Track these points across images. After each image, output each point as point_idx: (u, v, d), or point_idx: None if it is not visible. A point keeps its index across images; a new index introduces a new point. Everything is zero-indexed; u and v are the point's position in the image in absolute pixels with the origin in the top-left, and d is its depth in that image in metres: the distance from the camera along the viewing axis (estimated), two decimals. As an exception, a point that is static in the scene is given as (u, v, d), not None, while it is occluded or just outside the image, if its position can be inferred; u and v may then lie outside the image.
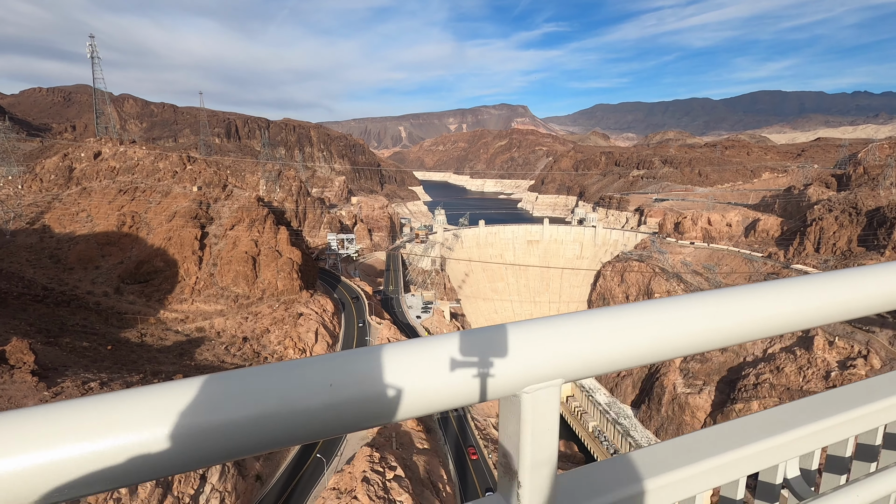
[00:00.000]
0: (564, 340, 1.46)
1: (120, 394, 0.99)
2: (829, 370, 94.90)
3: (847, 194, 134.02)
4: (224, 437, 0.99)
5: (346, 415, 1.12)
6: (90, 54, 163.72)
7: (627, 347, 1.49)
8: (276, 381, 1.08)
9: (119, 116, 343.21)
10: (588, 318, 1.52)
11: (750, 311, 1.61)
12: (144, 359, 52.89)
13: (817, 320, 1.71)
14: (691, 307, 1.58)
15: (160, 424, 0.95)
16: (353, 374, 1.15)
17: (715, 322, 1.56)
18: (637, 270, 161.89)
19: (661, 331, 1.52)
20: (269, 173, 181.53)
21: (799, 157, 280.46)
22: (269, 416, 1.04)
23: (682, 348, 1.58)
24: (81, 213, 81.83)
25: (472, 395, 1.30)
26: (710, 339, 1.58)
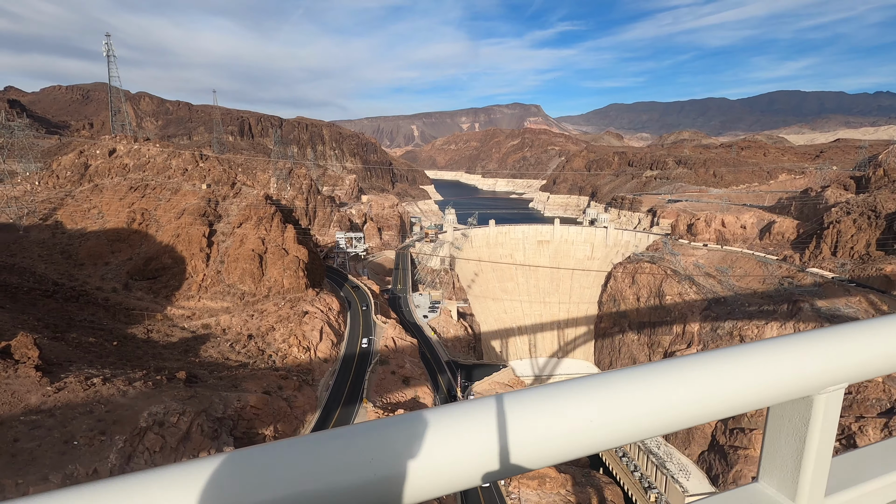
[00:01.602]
0: (850, 347, 1.58)
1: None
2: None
3: (866, 197, 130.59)
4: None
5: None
6: (106, 53, 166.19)
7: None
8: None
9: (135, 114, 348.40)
10: (868, 326, 1.66)
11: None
12: (149, 355, 53.29)
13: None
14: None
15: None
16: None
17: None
18: (648, 272, 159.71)
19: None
20: (280, 171, 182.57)
21: (817, 159, 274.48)
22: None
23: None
24: (93, 209, 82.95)
25: (757, 403, 1.45)
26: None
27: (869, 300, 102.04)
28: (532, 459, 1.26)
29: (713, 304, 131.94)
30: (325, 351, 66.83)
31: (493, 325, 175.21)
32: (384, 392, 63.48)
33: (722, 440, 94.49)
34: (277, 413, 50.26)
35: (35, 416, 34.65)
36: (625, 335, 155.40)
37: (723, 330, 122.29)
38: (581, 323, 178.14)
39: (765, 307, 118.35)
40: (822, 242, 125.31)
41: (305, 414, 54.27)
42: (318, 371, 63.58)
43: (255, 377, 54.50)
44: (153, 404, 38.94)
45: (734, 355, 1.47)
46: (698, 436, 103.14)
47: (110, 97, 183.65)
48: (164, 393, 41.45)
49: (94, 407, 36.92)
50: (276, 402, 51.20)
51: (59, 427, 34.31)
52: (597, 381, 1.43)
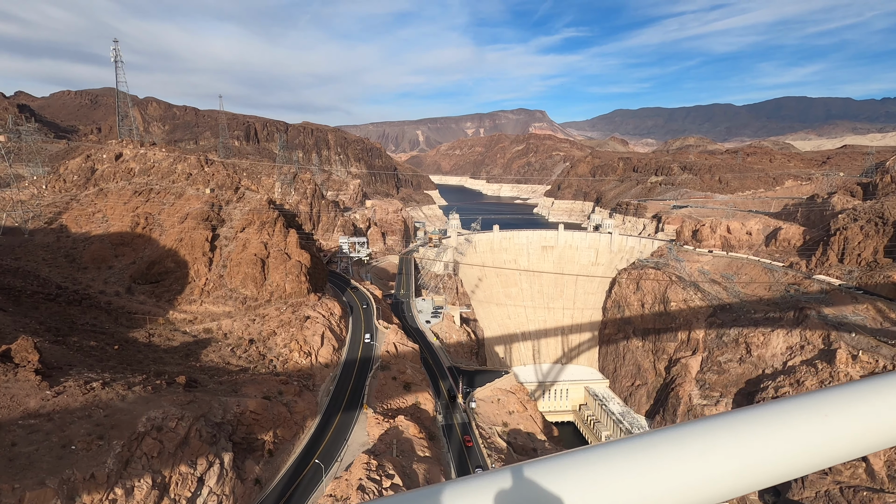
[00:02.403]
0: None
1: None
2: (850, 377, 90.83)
3: (873, 203, 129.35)
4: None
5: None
6: (114, 58, 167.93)
7: None
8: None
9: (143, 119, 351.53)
10: None
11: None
12: (150, 359, 53.28)
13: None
14: None
15: None
16: None
17: None
18: (653, 278, 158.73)
19: None
20: (285, 176, 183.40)
21: (824, 165, 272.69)
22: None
23: None
24: (97, 213, 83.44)
25: None
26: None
27: (877, 308, 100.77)
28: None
29: (718, 310, 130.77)
30: (326, 356, 66.61)
31: (496, 331, 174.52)
32: (385, 398, 63.16)
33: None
34: (277, 418, 50.05)
35: (34, 420, 34.61)
36: (629, 341, 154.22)
37: (728, 337, 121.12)
38: (585, 329, 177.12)
39: (771, 314, 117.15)
40: (828, 249, 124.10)
41: (305, 419, 54.03)
42: (318, 376, 63.36)
43: (255, 382, 54.34)
44: (152, 409, 38.82)
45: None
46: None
47: (117, 102, 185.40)
48: (164, 397, 41.33)
49: (92, 411, 36.84)
50: (275, 407, 50.99)
51: (57, 431, 34.24)
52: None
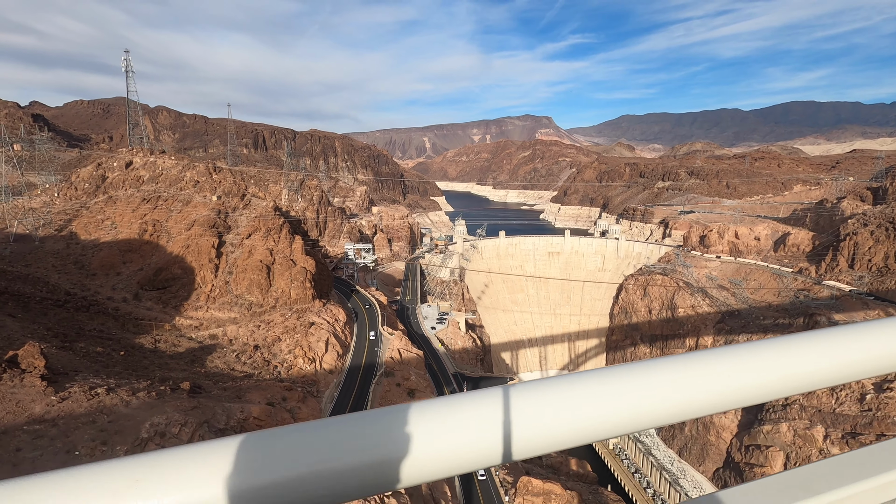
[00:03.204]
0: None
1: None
2: (864, 392, 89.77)
3: (883, 208, 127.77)
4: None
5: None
6: (125, 68, 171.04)
7: None
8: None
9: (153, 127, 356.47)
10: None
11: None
12: (155, 365, 53.67)
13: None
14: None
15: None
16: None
17: None
18: (661, 284, 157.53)
19: None
20: (292, 183, 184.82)
21: (833, 170, 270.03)
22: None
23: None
24: (106, 220, 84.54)
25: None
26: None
27: (888, 314, 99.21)
28: (523, 448, 1.33)
29: (727, 317, 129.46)
30: (330, 362, 66.72)
31: (503, 337, 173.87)
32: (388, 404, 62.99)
33: (738, 457, 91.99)
34: (280, 424, 50.05)
35: (38, 425, 34.93)
36: (637, 348, 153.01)
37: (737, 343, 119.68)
38: (592, 335, 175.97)
39: (780, 321, 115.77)
40: (838, 255, 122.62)
41: (309, 426, 53.93)
42: (323, 382, 63.42)
43: (259, 388, 54.49)
44: (155, 415, 39.05)
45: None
46: (713, 452, 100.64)
47: (128, 111, 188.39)
48: (167, 403, 41.58)
49: (96, 417, 37.13)
50: (279, 413, 51.07)
51: (61, 437, 34.53)
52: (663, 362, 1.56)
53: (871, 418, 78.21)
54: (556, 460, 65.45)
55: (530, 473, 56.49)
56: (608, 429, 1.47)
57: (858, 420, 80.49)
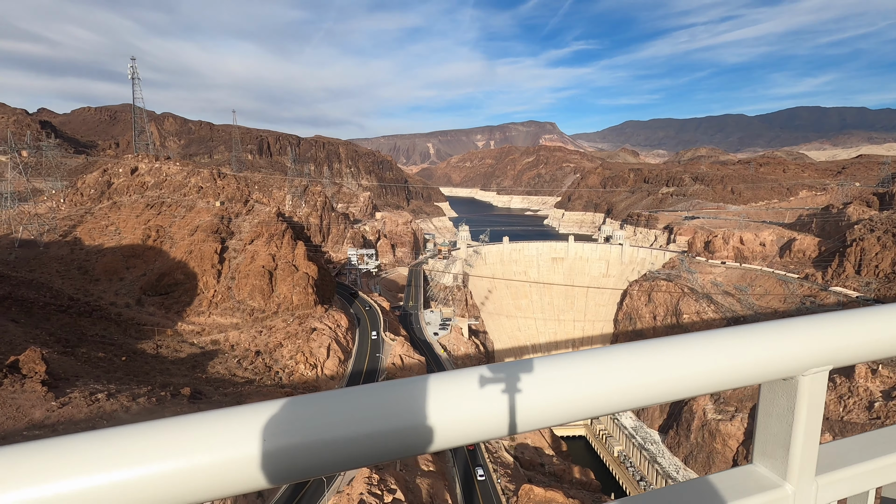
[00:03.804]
0: (834, 332, 1.74)
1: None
2: (872, 400, 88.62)
3: (890, 213, 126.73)
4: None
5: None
6: (131, 75, 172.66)
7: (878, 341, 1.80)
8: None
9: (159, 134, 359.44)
10: (851, 315, 1.85)
11: None
12: (157, 370, 53.66)
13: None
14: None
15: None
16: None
17: None
18: (665, 290, 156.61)
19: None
20: (296, 189, 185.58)
21: (839, 175, 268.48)
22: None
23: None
24: (110, 226, 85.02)
25: (746, 380, 1.60)
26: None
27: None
28: (528, 421, 1.40)
29: (732, 323, 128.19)
30: (332, 368, 66.54)
31: (506, 343, 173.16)
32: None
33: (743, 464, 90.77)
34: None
35: (38, 430, 34.90)
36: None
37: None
38: (596, 341, 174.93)
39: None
40: (844, 260, 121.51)
41: (310, 432, 53.73)
42: (324, 388, 63.15)
43: (260, 394, 54.34)
44: (155, 421, 38.94)
45: (726, 335, 1.66)
46: (719, 460, 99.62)
47: (134, 118, 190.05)
48: (167, 409, 41.49)
49: (96, 423, 37.06)
50: (280, 419, 50.82)
51: (60, 442, 34.45)
52: (598, 354, 1.60)
53: (880, 426, 77.10)
54: (559, 468, 64.83)
55: (532, 481, 55.91)
56: (603, 405, 1.51)
57: (867, 428, 79.39)
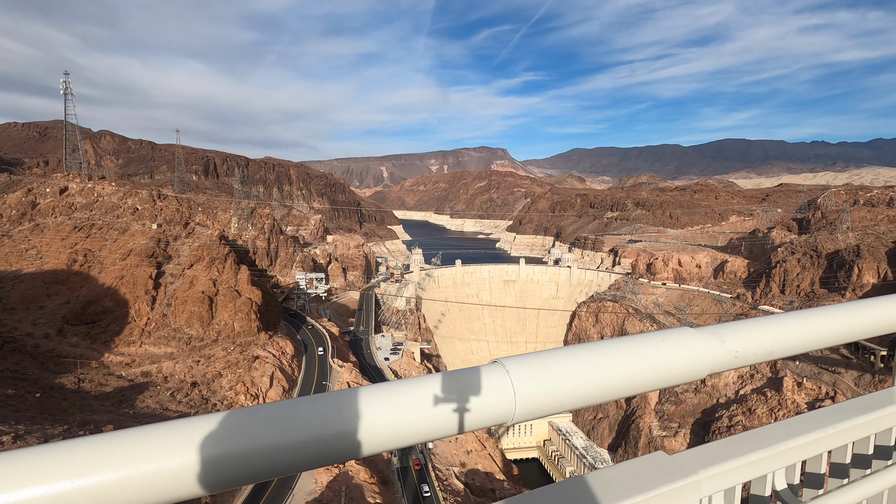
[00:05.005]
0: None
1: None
2: (799, 411, 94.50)
3: (808, 237, 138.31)
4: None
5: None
6: (64, 91, 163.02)
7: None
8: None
9: (95, 152, 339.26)
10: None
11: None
12: (77, 407, 49.10)
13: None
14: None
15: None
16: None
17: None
18: (611, 311, 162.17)
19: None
20: (242, 211, 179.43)
21: (763, 202, 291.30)
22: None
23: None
24: (31, 250, 78.37)
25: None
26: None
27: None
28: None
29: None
30: (274, 398, 63.38)
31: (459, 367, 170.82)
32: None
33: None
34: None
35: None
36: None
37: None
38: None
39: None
40: (771, 281, 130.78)
41: (249, 468, 50.58)
42: (266, 420, 60.00)
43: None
44: (70, 463, 35.37)
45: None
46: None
47: (66, 134, 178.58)
48: (85, 450, 37.84)
49: (-2, 469, 33.19)
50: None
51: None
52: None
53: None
54: (511, 492, 64.25)
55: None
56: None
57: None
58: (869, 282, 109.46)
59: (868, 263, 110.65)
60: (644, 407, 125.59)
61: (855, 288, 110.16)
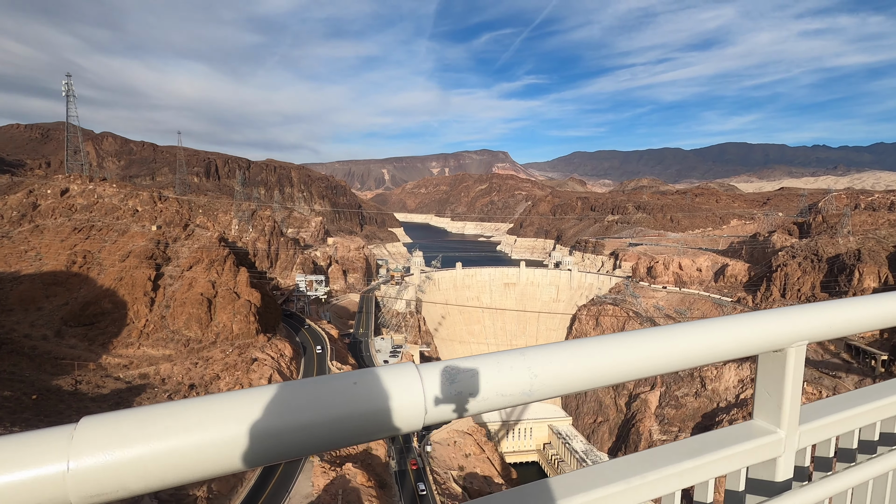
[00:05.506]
0: (810, 317, 2.37)
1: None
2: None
3: (808, 241, 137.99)
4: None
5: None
6: (65, 92, 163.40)
7: (844, 322, 2.48)
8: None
9: (97, 154, 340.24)
10: (821, 305, 2.45)
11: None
12: (73, 409, 48.94)
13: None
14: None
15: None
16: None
17: None
18: (612, 314, 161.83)
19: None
20: (243, 213, 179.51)
21: (765, 206, 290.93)
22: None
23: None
24: (30, 251, 78.36)
25: (746, 351, 2.20)
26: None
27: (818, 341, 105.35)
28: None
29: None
30: (273, 401, 63.19)
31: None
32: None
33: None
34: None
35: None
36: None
37: (684, 372, 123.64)
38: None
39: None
40: (771, 285, 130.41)
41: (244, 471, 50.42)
42: (264, 423, 59.77)
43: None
44: (65, 466, 35.22)
45: (736, 320, 2.17)
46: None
47: (67, 136, 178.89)
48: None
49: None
50: (212, 458, 47.40)
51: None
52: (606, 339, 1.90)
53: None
54: (509, 497, 63.92)
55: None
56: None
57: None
58: (870, 286, 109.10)
59: (869, 268, 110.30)
60: (644, 410, 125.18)
61: (856, 292, 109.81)
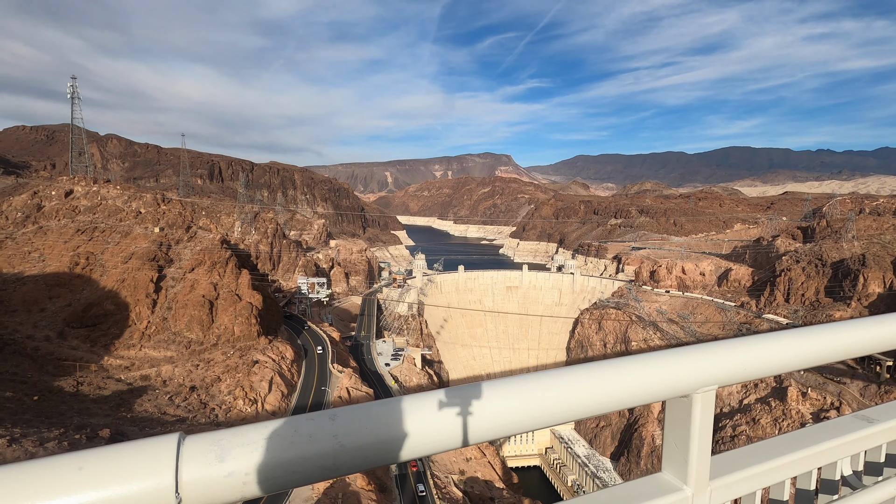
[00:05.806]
0: (719, 358, 2.16)
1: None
2: (803, 422, 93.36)
3: (812, 246, 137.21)
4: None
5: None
6: (71, 94, 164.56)
7: (760, 363, 2.27)
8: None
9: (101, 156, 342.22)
10: (731, 343, 2.25)
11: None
12: (74, 410, 48.95)
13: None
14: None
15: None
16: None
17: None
18: (614, 318, 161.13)
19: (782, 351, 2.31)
20: (246, 215, 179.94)
21: (768, 210, 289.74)
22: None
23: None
24: (34, 252, 78.66)
25: (649, 398, 1.99)
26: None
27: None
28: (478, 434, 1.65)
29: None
30: (273, 403, 63.15)
31: (461, 373, 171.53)
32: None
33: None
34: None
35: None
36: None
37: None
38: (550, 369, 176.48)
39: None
40: (775, 289, 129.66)
41: (246, 474, 50.20)
42: (264, 425, 59.66)
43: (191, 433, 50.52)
44: (64, 467, 35.14)
45: (638, 361, 2.00)
46: None
47: (72, 138, 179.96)
48: (80, 454, 37.63)
49: (-8, 472, 33.02)
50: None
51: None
52: (526, 379, 1.92)
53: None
54: (510, 502, 63.58)
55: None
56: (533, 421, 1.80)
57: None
58: (874, 291, 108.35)
59: (874, 273, 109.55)
60: (647, 416, 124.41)
61: (860, 297, 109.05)
